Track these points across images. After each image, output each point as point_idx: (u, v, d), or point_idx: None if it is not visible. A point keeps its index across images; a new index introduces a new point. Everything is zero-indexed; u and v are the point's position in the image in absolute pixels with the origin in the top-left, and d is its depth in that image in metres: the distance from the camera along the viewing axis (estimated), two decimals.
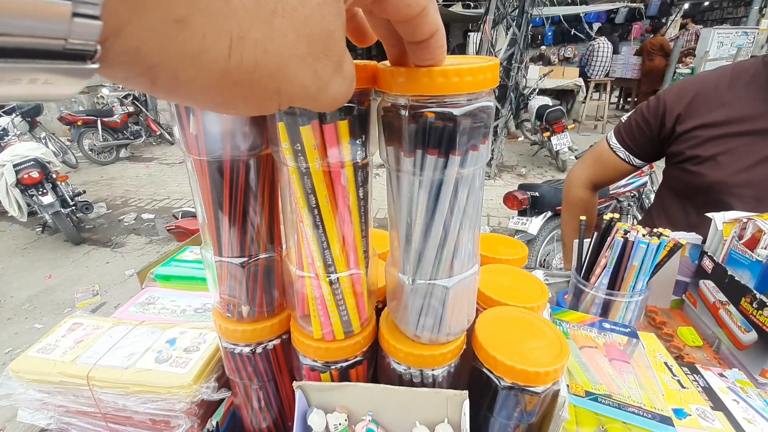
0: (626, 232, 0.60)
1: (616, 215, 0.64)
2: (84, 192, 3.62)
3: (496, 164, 4.70)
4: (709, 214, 0.73)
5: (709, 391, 0.54)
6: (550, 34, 8.70)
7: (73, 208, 3.34)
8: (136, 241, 3.44)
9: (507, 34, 4.38)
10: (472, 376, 0.39)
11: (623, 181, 2.37)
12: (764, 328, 0.58)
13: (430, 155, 0.29)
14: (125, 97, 5.67)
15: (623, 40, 8.23)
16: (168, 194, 4.39)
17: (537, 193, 2.37)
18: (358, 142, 0.31)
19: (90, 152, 5.33)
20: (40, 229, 3.56)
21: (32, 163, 3.08)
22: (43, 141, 4.41)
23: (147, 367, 0.44)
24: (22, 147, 3.16)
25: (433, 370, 0.37)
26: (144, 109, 5.87)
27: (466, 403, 0.34)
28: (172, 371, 0.44)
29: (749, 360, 0.62)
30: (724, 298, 0.67)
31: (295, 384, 0.38)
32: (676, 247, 0.59)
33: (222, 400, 0.46)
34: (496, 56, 4.38)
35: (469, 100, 0.28)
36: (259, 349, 0.40)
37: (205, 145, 0.32)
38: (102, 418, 0.47)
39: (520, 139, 5.79)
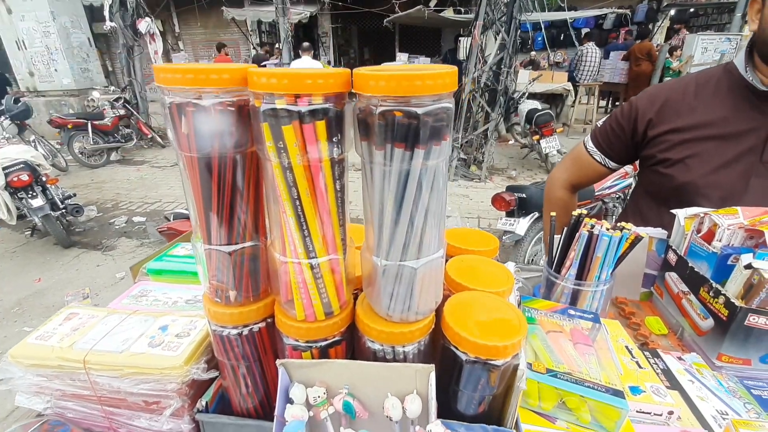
0: (592, 226, 0.65)
1: (584, 211, 0.68)
2: (74, 195, 3.59)
3: (486, 167, 4.77)
4: (673, 210, 0.78)
5: (667, 373, 0.59)
6: (540, 39, 8.84)
7: (63, 211, 3.32)
8: (127, 244, 3.44)
9: (496, 39, 4.47)
10: (441, 355, 0.43)
11: (608, 183, 2.43)
12: (719, 314, 0.63)
13: (397, 148, 0.33)
14: (116, 100, 5.64)
15: (609, 44, 8.38)
16: (159, 197, 4.38)
17: (524, 195, 2.42)
18: (334, 140, 0.35)
19: (80, 155, 5.29)
20: (30, 232, 3.54)
21: (22, 166, 3.06)
22: (33, 144, 4.38)
23: (141, 351, 0.48)
24: (12, 150, 3.14)
25: (404, 347, 0.40)
26: (135, 112, 5.84)
27: (433, 374, 0.38)
28: (164, 354, 0.47)
29: (707, 345, 0.66)
30: (686, 288, 0.72)
31: (278, 361, 0.41)
32: (638, 239, 0.64)
33: (211, 381, 0.49)
34: (485, 61, 4.48)
35: (432, 101, 0.32)
36: (245, 331, 0.44)
37: (196, 143, 0.36)
38: (97, 401, 0.50)
39: (510, 142, 5.88)
